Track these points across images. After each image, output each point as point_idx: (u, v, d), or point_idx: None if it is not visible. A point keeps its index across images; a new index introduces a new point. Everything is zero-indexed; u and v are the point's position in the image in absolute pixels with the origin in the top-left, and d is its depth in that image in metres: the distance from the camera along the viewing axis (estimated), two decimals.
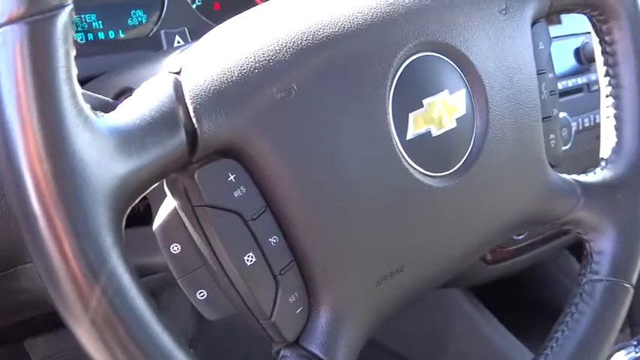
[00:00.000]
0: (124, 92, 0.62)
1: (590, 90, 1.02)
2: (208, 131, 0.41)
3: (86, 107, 0.37)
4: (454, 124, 0.50)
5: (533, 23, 0.59)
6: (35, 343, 1.06)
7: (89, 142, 0.36)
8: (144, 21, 0.92)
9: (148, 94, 0.41)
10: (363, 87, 0.47)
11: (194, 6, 0.95)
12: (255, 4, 1.01)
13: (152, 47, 0.74)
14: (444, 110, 0.50)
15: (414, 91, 0.49)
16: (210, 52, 0.44)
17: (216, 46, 0.45)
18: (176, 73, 0.43)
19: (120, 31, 0.90)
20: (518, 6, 0.57)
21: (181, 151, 0.41)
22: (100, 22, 0.88)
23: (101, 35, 0.89)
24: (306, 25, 0.46)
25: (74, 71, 0.37)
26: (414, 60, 0.49)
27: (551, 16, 0.61)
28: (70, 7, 0.36)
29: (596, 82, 1.01)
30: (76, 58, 0.72)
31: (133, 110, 0.40)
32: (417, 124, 0.48)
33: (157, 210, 0.45)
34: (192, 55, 0.44)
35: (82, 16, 0.87)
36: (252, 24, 0.47)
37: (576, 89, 1.02)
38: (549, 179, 0.57)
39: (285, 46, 0.45)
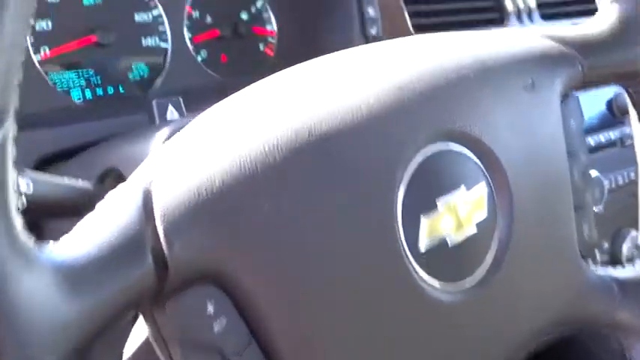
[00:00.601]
0: (109, 173, 0.57)
1: (623, 145, 0.95)
2: (181, 256, 0.35)
3: (28, 243, 0.31)
4: (474, 229, 0.44)
5: (563, 97, 0.52)
6: None
7: (30, 284, 0.31)
8: (145, 75, 0.87)
9: (111, 214, 0.35)
10: (367, 189, 0.41)
11: (199, 59, 0.89)
12: (265, 56, 0.95)
13: (147, 112, 0.68)
14: (461, 211, 0.43)
15: (426, 189, 0.43)
16: (187, 157, 0.38)
17: (195, 148, 0.39)
18: (147, 182, 0.37)
19: (120, 85, 0.85)
20: (546, 80, 0.50)
21: (149, 281, 0.35)
22: (98, 77, 0.83)
23: (99, 91, 0.84)
24: (301, 120, 0.40)
25: (12, 201, 0.31)
26: (425, 153, 0.43)
27: (583, 88, 0.55)
28: (9, 121, 0.30)
29: (631, 135, 0.94)
30: (69, 125, 0.65)
31: (90, 237, 0.34)
32: (430, 231, 0.42)
33: None
34: (166, 160, 0.38)
35: (80, 71, 0.82)
36: (238, 118, 0.41)
37: (609, 144, 0.95)
38: (583, 278, 0.51)
39: (276, 147, 0.39)
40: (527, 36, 0.53)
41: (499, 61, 0.49)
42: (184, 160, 0.38)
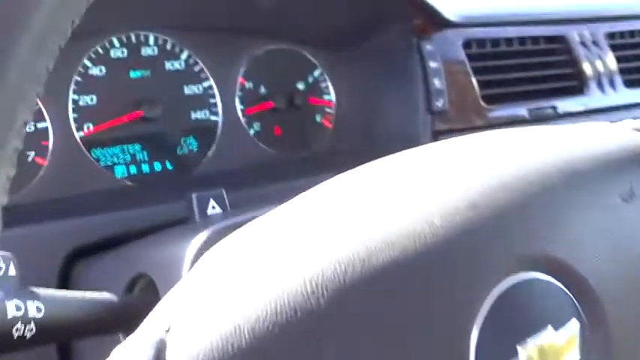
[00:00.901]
0: (139, 279, 0.51)
1: None
2: None
3: None
4: None
5: None
6: None
7: None
8: (194, 149, 0.81)
9: None
10: (433, 334, 0.33)
11: (252, 132, 0.84)
12: (323, 128, 0.89)
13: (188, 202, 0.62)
14: (549, 356, 0.36)
15: (505, 331, 0.35)
16: (211, 299, 0.32)
17: (221, 287, 0.32)
18: (162, 331, 0.30)
19: (167, 162, 0.79)
20: None
21: None
22: (144, 152, 0.78)
23: (145, 167, 0.78)
24: (352, 250, 0.33)
25: None
26: (503, 287, 0.35)
27: None
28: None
29: None
30: (104, 212, 0.59)
31: None
32: None
33: None
34: (186, 303, 0.32)
35: (125, 146, 0.77)
36: (275, 246, 0.34)
37: None
38: None
39: (321, 285, 0.32)
40: (616, 131, 0.45)
41: (591, 165, 0.41)
42: (207, 303, 0.31)
